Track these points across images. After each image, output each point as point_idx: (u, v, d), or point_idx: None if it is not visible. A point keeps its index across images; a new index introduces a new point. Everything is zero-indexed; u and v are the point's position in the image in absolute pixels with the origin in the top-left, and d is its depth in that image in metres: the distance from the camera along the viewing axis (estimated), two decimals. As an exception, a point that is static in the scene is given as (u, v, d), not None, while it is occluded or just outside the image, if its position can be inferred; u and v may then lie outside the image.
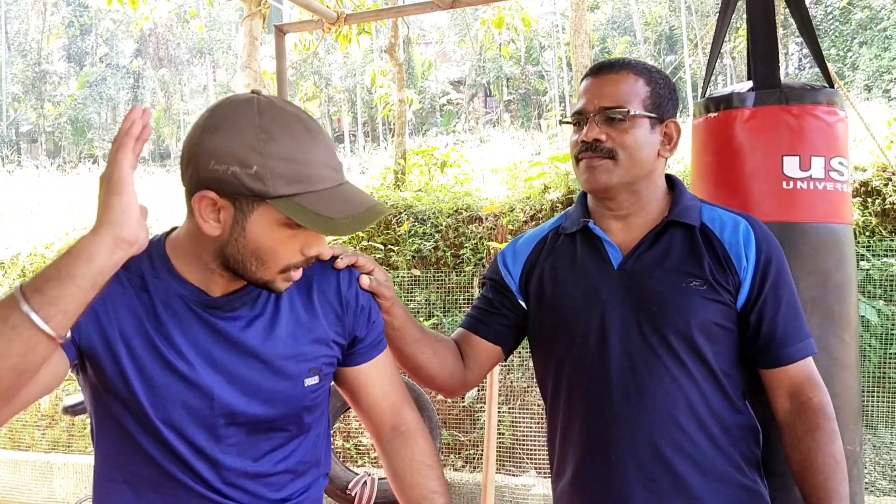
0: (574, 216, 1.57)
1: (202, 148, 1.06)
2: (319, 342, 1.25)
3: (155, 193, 9.48)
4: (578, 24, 8.28)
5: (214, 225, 1.08)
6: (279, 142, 1.05)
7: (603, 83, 1.47)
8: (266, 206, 1.06)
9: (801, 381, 1.42)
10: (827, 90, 1.87)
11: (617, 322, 1.43)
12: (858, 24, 19.23)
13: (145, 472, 1.18)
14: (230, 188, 1.05)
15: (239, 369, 1.18)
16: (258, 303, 1.22)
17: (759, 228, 1.46)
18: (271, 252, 1.10)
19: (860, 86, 17.23)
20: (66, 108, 30.89)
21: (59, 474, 5.35)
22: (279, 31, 3.50)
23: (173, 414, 1.15)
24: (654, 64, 1.65)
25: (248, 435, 1.21)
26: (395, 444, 1.35)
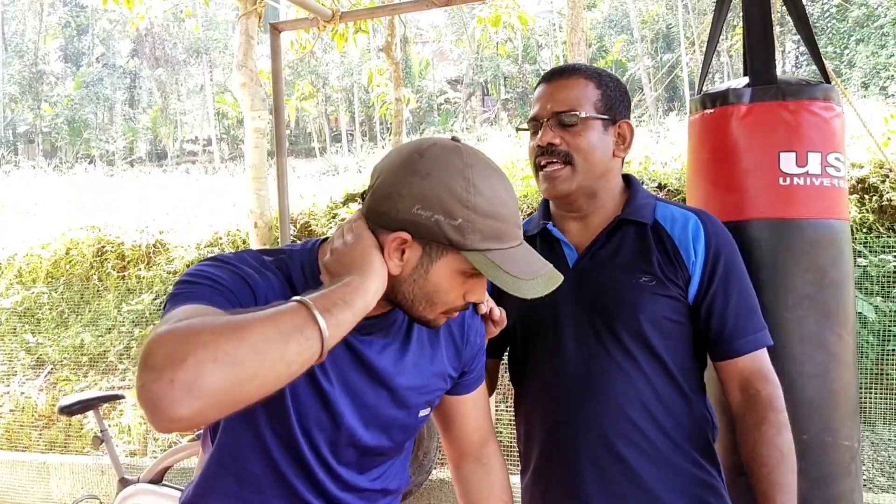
0: (535, 219, 1.63)
1: (409, 191, 1.08)
2: (438, 376, 1.31)
3: (151, 194, 9.47)
4: (575, 23, 8.28)
5: (398, 264, 1.10)
6: (484, 196, 1.08)
7: (555, 89, 1.51)
8: (454, 255, 1.09)
9: (750, 373, 1.44)
10: (823, 86, 1.87)
11: (571, 320, 1.48)
12: (855, 21, 19.24)
13: (259, 471, 1.19)
14: (427, 233, 1.08)
15: (367, 395, 1.21)
16: (392, 329, 1.24)
17: (710, 224, 1.49)
18: (444, 296, 1.13)
19: (857, 83, 17.24)
20: (62, 109, 30.86)
21: (55, 475, 5.34)
22: (274, 29, 3.48)
23: (310, 424, 1.18)
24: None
25: (361, 457, 1.25)
26: (476, 475, 1.41)
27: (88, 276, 6.77)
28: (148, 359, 0.85)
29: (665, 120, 14.56)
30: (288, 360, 0.91)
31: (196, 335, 0.86)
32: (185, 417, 0.83)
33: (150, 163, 26.85)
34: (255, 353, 0.87)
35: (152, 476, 3.47)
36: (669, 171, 5.92)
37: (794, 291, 1.78)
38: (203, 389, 0.83)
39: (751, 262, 1.82)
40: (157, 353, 0.84)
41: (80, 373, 6.14)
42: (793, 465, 1.39)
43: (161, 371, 0.82)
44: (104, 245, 6.87)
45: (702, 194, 1.94)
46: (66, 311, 6.64)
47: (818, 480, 1.76)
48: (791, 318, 1.77)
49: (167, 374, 0.82)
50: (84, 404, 3.55)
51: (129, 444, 5.50)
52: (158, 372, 0.83)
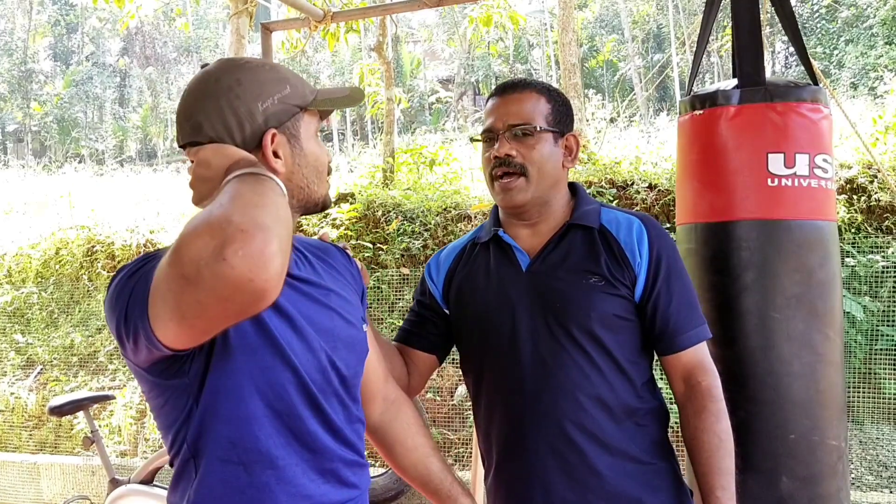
0: (487, 227, 1.70)
1: (242, 101, 1.15)
2: (354, 292, 1.35)
3: (141, 193, 9.44)
4: (566, 23, 8.29)
5: (281, 161, 1.18)
6: (281, 69, 1.21)
7: (509, 102, 1.59)
8: (304, 118, 1.21)
9: (692, 366, 1.53)
10: (811, 87, 1.88)
11: (526, 320, 1.55)
12: (844, 22, 19.33)
13: (265, 440, 1.16)
14: (284, 115, 1.18)
15: (322, 317, 1.23)
16: (301, 265, 1.27)
17: (652, 227, 1.58)
18: (322, 157, 1.24)
19: (846, 83, 17.33)
20: (52, 108, 30.68)
21: (46, 475, 5.32)
22: (265, 29, 3.48)
23: (301, 359, 1.18)
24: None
25: (343, 385, 1.26)
26: (388, 415, 1.43)
27: (78, 276, 6.74)
28: (223, 232, 0.88)
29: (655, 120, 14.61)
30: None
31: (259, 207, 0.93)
32: (278, 273, 0.90)
33: (140, 162, 26.74)
34: (278, 218, 0.94)
35: (143, 476, 3.46)
36: (660, 171, 5.94)
37: (782, 292, 1.80)
38: (280, 246, 0.91)
39: (739, 263, 1.83)
40: (231, 226, 0.88)
41: (70, 373, 6.12)
42: (730, 450, 1.48)
43: (250, 235, 0.87)
44: (94, 245, 6.84)
45: (691, 195, 1.95)
46: (55, 311, 6.61)
47: (806, 479, 1.78)
48: (779, 318, 1.79)
49: (258, 237, 0.88)
50: (75, 405, 3.54)
51: (119, 444, 5.48)
52: (244, 238, 0.87)
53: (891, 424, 4.33)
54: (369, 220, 5.95)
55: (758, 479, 1.79)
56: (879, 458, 4.16)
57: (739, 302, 1.83)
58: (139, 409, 5.58)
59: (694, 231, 1.94)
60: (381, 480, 4.12)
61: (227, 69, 1.18)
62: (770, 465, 1.76)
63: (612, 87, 27.17)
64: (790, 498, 1.76)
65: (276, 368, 1.16)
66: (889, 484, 4.03)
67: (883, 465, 4.13)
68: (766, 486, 1.78)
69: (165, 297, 0.96)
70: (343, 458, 1.23)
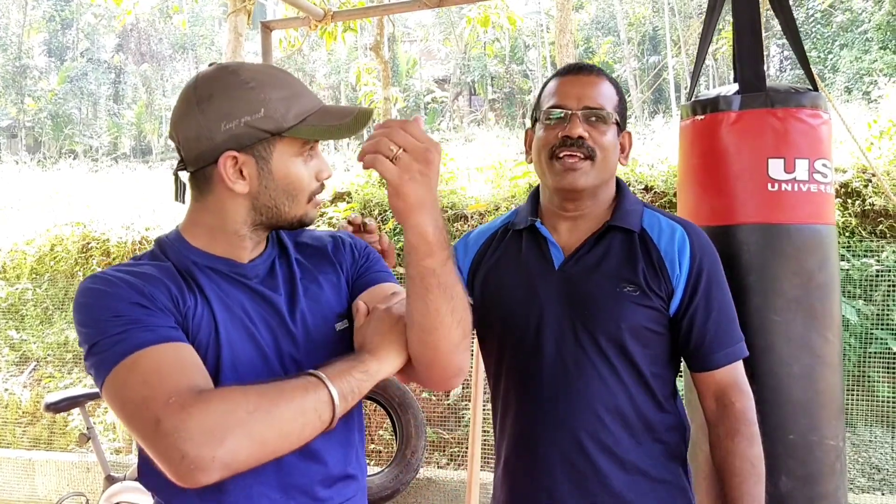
0: (523, 213, 1.62)
1: (206, 118, 1.14)
2: (337, 292, 1.31)
3: (137, 190, 9.41)
4: (564, 24, 8.32)
5: (243, 183, 1.16)
6: (269, 84, 1.15)
7: (585, 84, 1.52)
8: (281, 143, 1.15)
9: (726, 385, 1.47)
10: (811, 93, 1.91)
11: (553, 322, 1.49)
12: (839, 26, 19.43)
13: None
14: (248, 139, 1.13)
15: (285, 328, 1.22)
16: (275, 267, 1.27)
17: (696, 236, 1.51)
18: (298, 183, 1.18)
19: (840, 88, 17.40)
20: (46, 104, 30.57)
21: (41, 472, 5.31)
22: (265, 27, 3.49)
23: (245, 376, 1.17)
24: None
25: None
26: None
27: (73, 273, 6.73)
28: (185, 430, 0.95)
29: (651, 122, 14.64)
30: (303, 438, 1.05)
31: (232, 413, 0.98)
32: (210, 483, 0.97)
33: (135, 159, 26.65)
34: (281, 436, 1.01)
35: (139, 474, 3.46)
36: (656, 174, 5.96)
37: (782, 295, 1.82)
38: (235, 465, 0.98)
39: (739, 266, 1.85)
40: (197, 427, 0.96)
41: (65, 370, 6.11)
42: (762, 476, 1.43)
43: (202, 446, 0.95)
44: (89, 241, 6.83)
45: (692, 199, 1.98)
46: (50, 307, 6.59)
47: (804, 479, 1.80)
48: (779, 320, 1.81)
49: (208, 450, 0.95)
50: (71, 401, 3.54)
51: (113, 441, 5.48)
52: (200, 447, 0.95)
53: (884, 427, 4.36)
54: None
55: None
56: (872, 461, 4.19)
57: (740, 304, 1.84)
58: (134, 406, 5.57)
59: (695, 234, 1.96)
60: (378, 479, 4.13)
61: (209, 79, 1.16)
62: (769, 464, 1.77)
63: (608, 89, 27.12)
64: (789, 496, 1.78)
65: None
66: (882, 486, 4.06)
67: (876, 467, 4.16)
68: (765, 485, 1.80)
69: (122, 413, 1.04)
70: (312, 475, 1.21)
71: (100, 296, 1.10)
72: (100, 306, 1.09)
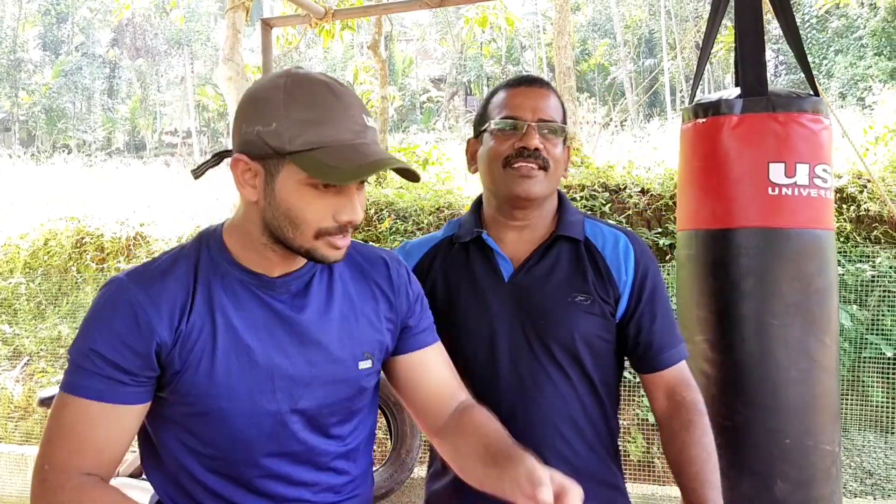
0: (468, 225, 1.60)
1: (238, 116, 1.13)
2: (372, 326, 1.27)
3: (131, 185, 9.39)
4: (562, 26, 8.33)
5: (252, 190, 1.13)
6: (299, 102, 1.09)
7: (538, 96, 1.52)
8: (289, 165, 1.09)
9: (676, 382, 1.50)
10: (812, 99, 1.91)
11: (506, 334, 1.49)
12: (835, 32, 19.52)
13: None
14: (257, 149, 1.10)
15: (298, 356, 1.20)
16: (311, 285, 1.24)
17: (638, 243, 1.54)
18: (301, 213, 1.11)
19: (835, 93, 17.49)
20: (40, 97, 30.46)
21: (32, 466, 5.29)
22: (265, 24, 3.48)
23: (240, 399, 1.17)
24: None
25: (312, 419, 1.23)
26: (453, 419, 1.30)
27: (67, 268, 6.71)
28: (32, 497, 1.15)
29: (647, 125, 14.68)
30: None
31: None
32: None
33: (129, 154, 26.56)
34: None
35: (132, 470, 3.45)
36: (652, 177, 5.98)
37: (781, 299, 1.82)
38: None
39: (738, 270, 1.86)
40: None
41: (57, 365, 6.09)
42: (717, 464, 1.45)
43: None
44: (83, 236, 6.81)
45: (693, 201, 1.98)
46: (43, 302, 6.57)
47: (800, 483, 1.81)
48: (777, 324, 1.82)
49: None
50: (65, 397, 3.52)
51: (106, 437, 5.46)
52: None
53: (876, 432, 4.39)
54: (361, 219, 5.97)
55: (753, 482, 1.82)
56: (864, 466, 4.21)
57: (738, 308, 1.85)
58: (127, 402, 5.57)
59: (695, 237, 1.96)
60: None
61: (263, 82, 1.15)
62: (765, 468, 1.79)
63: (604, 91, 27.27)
64: (784, 501, 1.79)
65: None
66: (873, 490, 4.08)
67: (868, 472, 4.18)
68: (761, 489, 1.80)
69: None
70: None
71: (96, 315, 1.14)
72: (89, 327, 1.14)
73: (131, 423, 1.15)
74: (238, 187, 1.14)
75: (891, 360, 4.45)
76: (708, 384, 1.88)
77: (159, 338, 1.12)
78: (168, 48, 35.49)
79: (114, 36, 34.97)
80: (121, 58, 34.67)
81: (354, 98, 1.15)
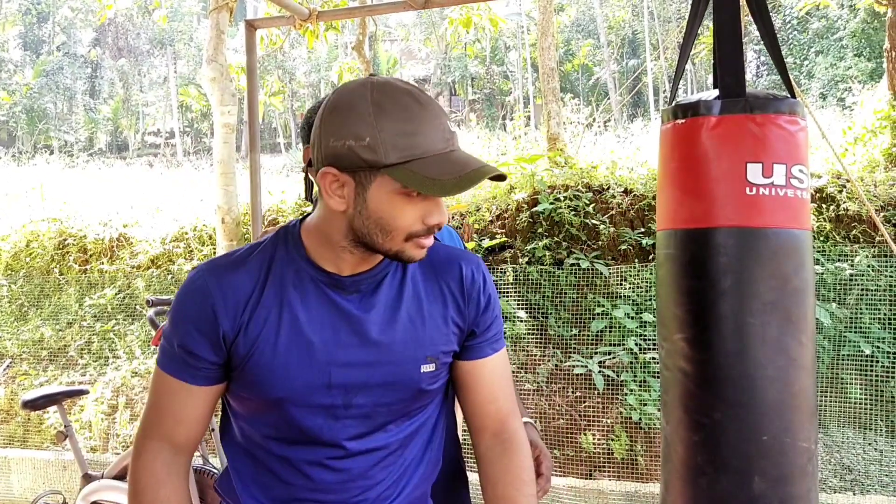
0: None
1: (323, 128, 1.15)
2: (438, 330, 1.28)
3: (114, 186, 9.33)
4: (546, 27, 8.35)
5: (340, 200, 1.16)
6: (390, 114, 1.11)
7: None
8: (383, 177, 1.11)
9: None
10: (789, 100, 1.94)
11: None
12: (815, 33, 19.69)
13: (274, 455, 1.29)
14: (348, 162, 1.12)
15: (358, 354, 1.22)
16: (382, 285, 1.26)
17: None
18: (392, 221, 1.15)
19: (816, 94, 17.64)
20: (21, 97, 30.16)
21: (16, 469, 5.25)
22: (249, 25, 3.48)
23: (306, 395, 1.22)
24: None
25: (366, 417, 1.26)
26: (494, 452, 1.34)
27: (49, 270, 6.67)
28: (133, 453, 1.27)
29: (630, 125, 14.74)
30: None
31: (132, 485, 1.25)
32: None
33: (112, 154, 26.35)
34: None
35: (117, 472, 3.44)
36: (636, 177, 6.02)
37: (758, 297, 1.84)
38: None
39: (717, 269, 1.88)
40: (132, 467, 1.26)
41: (40, 367, 6.04)
42: None
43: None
44: (66, 238, 6.77)
45: (671, 201, 2.00)
46: (25, 304, 6.53)
47: (777, 480, 1.83)
48: (754, 323, 1.84)
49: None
50: (48, 399, 3.50)
51: (90, 440, 5.43)
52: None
53: (855, 429, 4.44)
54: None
55: (730, 479, 1.84)
56: (844, 462, 4.26)
57: (717, 307, 1.87)
58: (110, 404, 5.54)
59: (673, 237, 1.98)
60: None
61: (348, 90, 1.16)
62: (743, 465, 1.81)
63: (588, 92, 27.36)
64: (762, 497, 1.81)
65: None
66: (853, 486, 4.13)
67: (847, 468, 4.23)
68: (738, 486, 1.82)
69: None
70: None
71: (177, 299, 1.23)
72: (172, 311, 1.24)
73: (205, 402, 1.24)
74: (325, 197, 1.17)
75: (869, 357, 4.50)
76: (686, 382, 1.90)
77: (223, 325, 1.19)
78: (151, 48, 35.26)
79: (96, 36, 34.70)
80: (103, 58, 34.41)
81: (438, 105, 1.17)
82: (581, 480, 4.33)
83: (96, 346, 6.01)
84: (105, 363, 5.87)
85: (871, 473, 4.18)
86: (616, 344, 4.91)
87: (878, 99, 6.71)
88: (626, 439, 4.43)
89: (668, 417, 2.00)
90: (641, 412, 4.49)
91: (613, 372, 4.74)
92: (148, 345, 5.84)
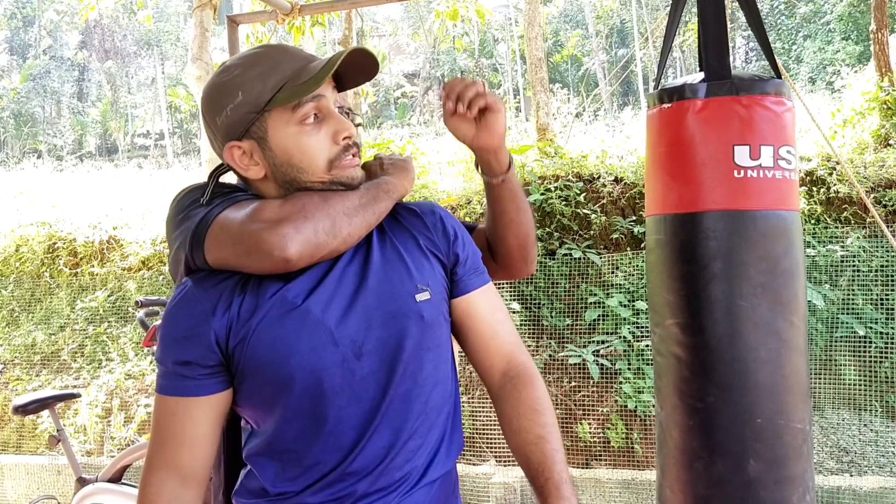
0: None
1: (208, 118, 1.20)
2: (419, 261, 1.28)
3: (103, 189, 9.29)
4: (532, 17, 8.33)
5: (256, 168, 1.19)
6: (247, 67, 1.18)
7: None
8: (270, 118, 1.16)
9: None
10: (775, 81, 1.93)
11: None
12: (803, 17, 19.72)
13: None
14: (238, 126, 1.17)
15: (349, 301, 1.20)
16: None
17: None
18: (305, 154, 1.18)
19: (804, 78, 17.67)
20: (8, 102, 30.01)
21: (10, 475, 5.23)
22: (232, 21, 3.45)
23: (316, 357, 1.17)
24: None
25: (382, 360, 1.21)
26: (505, 391, 1.31)
27: (39, 274, 6.63)
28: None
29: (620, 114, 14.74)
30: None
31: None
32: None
33: (101, 157, 26.25)
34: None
35: (111, 475, 3.42)
36: (626, 165, 6.01)
37: (748, 280, 1.84)
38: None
39: (707, 253, 1.87)
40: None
41: (32, 372, 6.01)
42: None
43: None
44: (55, 241, 6.73)
45: (660, 186, 1.99)
46: (16, 309, 6.49)
47: (772, 462, 1.83)
48: (745, 305, 1.83)
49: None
50: (40, 403, 3.48)
51: (84, 443, 5.41)
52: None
53: (850, 410, 4.45)
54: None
55: (726, 463, 1.83)
56: (840, 444, 4.27)
57: (707, 291, 1.87)
58: (104, 407, 5.51)
59: (663, 222, 1.97)
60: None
61: (207, 85, 1.21)
62: (737, 448, 1.81)
63: (577, 82, 27.36)
64: (757, 480, 1.81)
65: None
66: (850, 468, 4.14)
67: (843, 449, 4.24)
68: (733, 469, 1.82)
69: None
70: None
71: (164, 316, 1.21)
72: (159, 331, 1.21)
73: (206, 416, 1.19)
74: (243, 174, 1.20)
75: (863, 338, 4.51)
76: (679, 367, 1.90)
77: (214, 325, 1.16)
78: (137, 49, 35.11)
79: (82, 38, 34.52)
80: (90, 60, 34.25)
81: (296, 48, 1.24)
82: (578, 470, 4.33)
83: (89, 350, 5.98)
84: (98, 366, 5.84)
85: (867, 454, 4.19)
86: (610, 333, 4.90)
87: (866, 81, 6.72)
88: (622, 428, 4.43)
89: (663, 403, 1.99)
90: (637, 400, 4.49)
91: (608, 361, 4.74)
92: (140, 347, 5.81)
